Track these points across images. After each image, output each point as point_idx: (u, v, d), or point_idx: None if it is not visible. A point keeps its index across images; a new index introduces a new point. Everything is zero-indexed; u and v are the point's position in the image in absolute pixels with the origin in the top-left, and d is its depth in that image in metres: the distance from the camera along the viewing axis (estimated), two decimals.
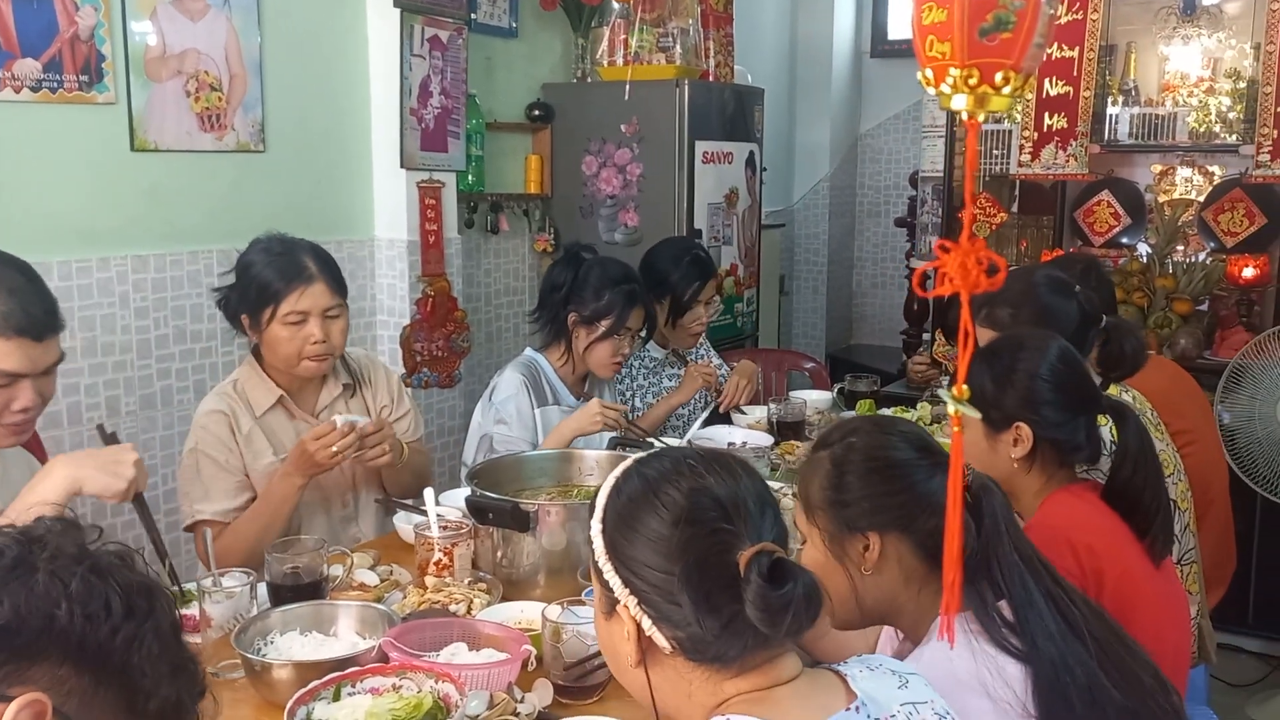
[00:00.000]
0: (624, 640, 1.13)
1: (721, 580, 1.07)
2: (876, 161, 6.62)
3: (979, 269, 0.78)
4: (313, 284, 2.24)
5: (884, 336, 6.55)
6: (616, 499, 1.15)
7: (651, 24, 4.26)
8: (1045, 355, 1.77)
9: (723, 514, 1.10)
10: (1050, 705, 1.30)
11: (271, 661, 1.56)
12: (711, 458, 1.16)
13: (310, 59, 3.48)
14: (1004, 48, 0.79)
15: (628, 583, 1.11)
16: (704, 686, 1.11)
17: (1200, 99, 4.01)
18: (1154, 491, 1.71)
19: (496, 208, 4.22)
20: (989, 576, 1.36)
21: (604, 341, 2.74)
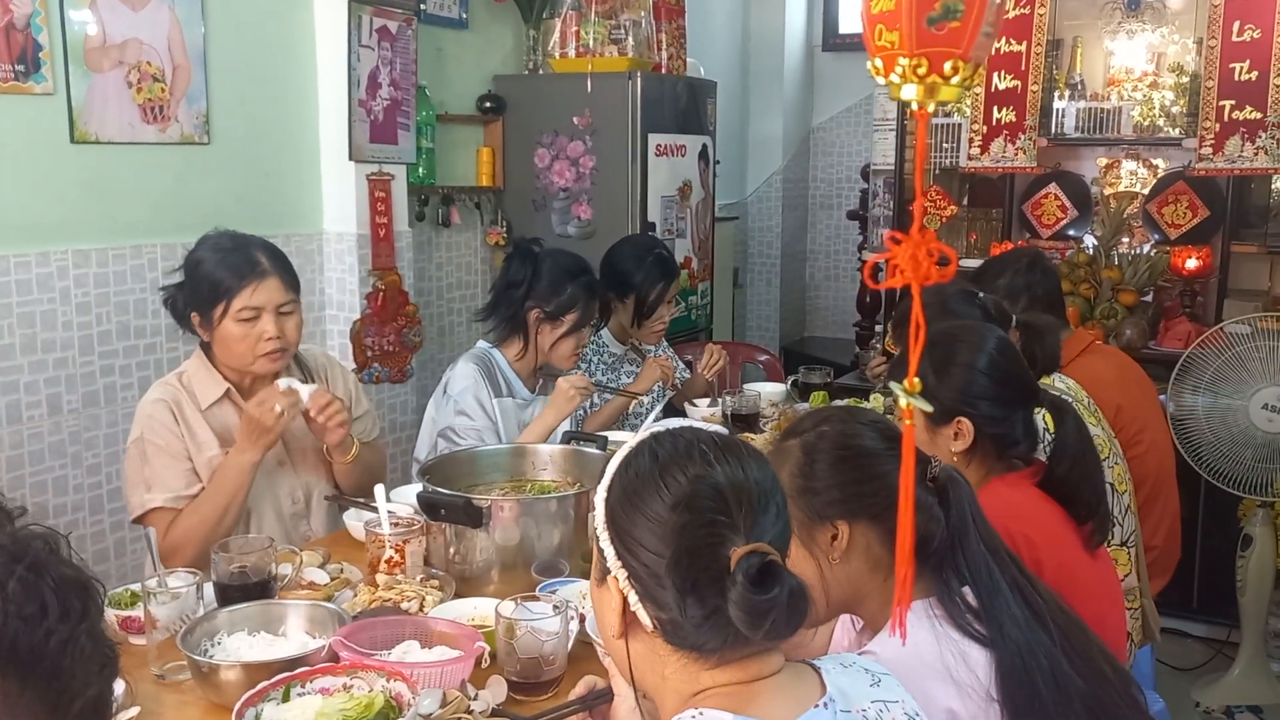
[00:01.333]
0: (610, 610, 1.14)
1: (709, 573, 1.06)
2: (829, 155, 6.65)
3: (930, 261, 0.78)
4: (266, 279, 2.21)
5: (837, 329, 6.59)
6: (625, 472, 1.15)
7: (603, 16, 4.24)
8: (984, 348, 1.78)
9: (723, 506, 1.09)
10: (1014, 691, 1.31)
11: (219, 663, 1.53)
12: (725, 445, 1.15)
13: (256, 50, 3.42)
14: (952, 37, 0.78)
15: (620, 556, 1.12)
16: (679, 672, 1.11)
17: (1144, 93, 4.07)
18: (1091, 485, 1.73)
19: (448, 200, 4.18)
20: (954, 565, 1.38)
21: (570, 337, 2.76)
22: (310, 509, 2.40)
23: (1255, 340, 3.29)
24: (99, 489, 3.04)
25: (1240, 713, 3.39)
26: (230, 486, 2.16)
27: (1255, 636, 3.40)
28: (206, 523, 2.13)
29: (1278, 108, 3.50)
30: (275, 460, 2.33)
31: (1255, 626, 3.39)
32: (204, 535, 2.12)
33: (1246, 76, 3.51)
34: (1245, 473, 3.25)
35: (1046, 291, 2.70)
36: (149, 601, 1.64)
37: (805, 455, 1.43)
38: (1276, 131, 3.51)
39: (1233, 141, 3.55)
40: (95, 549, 3.04)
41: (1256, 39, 3.49)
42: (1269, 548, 3.33)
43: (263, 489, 2.29)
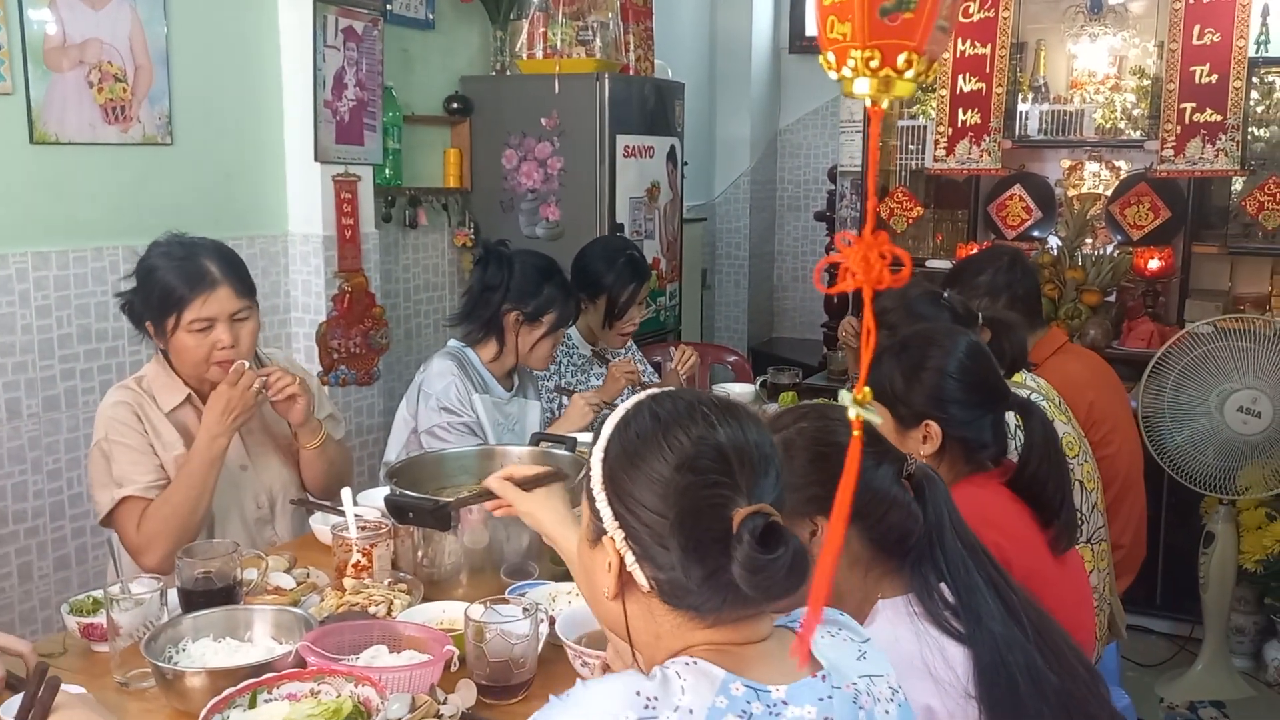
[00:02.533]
0: (604, 571, 1.13)
1: (713, 533, 1.06)
2: (796, 156, 6.68)
3: (882, 264, 0.77)
4: (216, 289, 2.17)
5: (804, 330, 6.62)
6: (624, 431, 1.14)
7: (571, 17, 4.23)
8: (954, 352, 1.79)
9: (726, 467, 1.09)
10: (991, 686, 1.32)
11: (184, 669, 1.51)
12: (725, 407, 1.14)
13: (219, 50, 3.38)
14: (906, 28, 0.77)
15: (619, 516, 1.11)
16: (674, 632, 1.12)
17: (1106, 96, 4.12)
18: (1058, 485, 1.75)
19: (415, 202, 4.16)
20: (932, 561, 1.39)
21: (548, 338, 2.76)
22: (275, 514, 2.37)
23: (1216, 340, 3.34)
24: (59, 494, 2.99)
25: (1204, 708, 3.43)
26: (201, 473, 2.12)
27: (1217, 632, 3.44)
28: (179, 512, 2.09)
29: (1237, 110, 3.55)
30: (238, 465, 2.30)
31: (1217, 623, 3.44)
32: (178, 526, 2.08)
33: (1207, 80, 3.56)
34: (1207, 471, 3.29)
35: (1027, 291, 2.72)
36: (112, 608, 1.61)
37: (784, 452, 1.43)
38: (1236, 134, 3.56)
39: (1194, 144, 3.59)
40: (56, 555, 3.00)
41: (1216, 42, 3.53)
42: (1231, 545, 3.38)
43: (226, 494, 2.26)
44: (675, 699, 1.03)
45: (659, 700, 1.03)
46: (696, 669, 1.06)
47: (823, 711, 1.06)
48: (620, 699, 1.03)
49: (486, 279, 2.80)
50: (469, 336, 2.81)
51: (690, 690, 1.04)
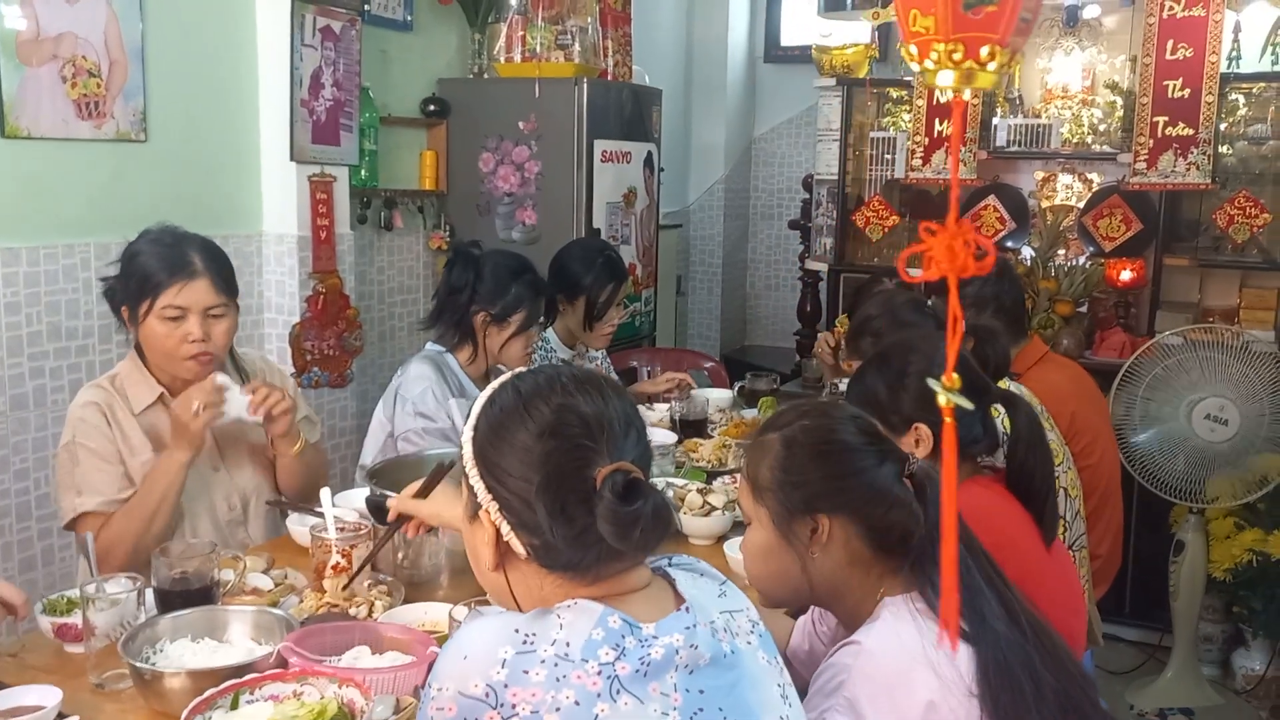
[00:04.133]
0: (484, 544, 1.20)
1: (577, 493, 1.13)
2: (770, 165, 6.70)
3: (967, 252, 0.78)
4: (195, 280, 2.14)
5: (776, 337, 6.64)
6: (490, 408, 1.21)
7: (550, 21, 4.23)
8: (935, 356, 1.80)
9: (586, 431, 1.15)
10: (996, 686, 1.33)
11: (163, 670, 1.48)
12: (584, 378, 1.21)
13: (195, 46, 3.35)
14: (989, 21, 0.78)
15: (491, 489, 1.18)
16: (557, 592, 1.17)
17: (1075, 110, 4.17)
18: (1044, 473, 1.77)
19: (390, 204, 4.13)
20: (934, 560, 1.40)
21: (518, 338, 2.72)
22: (248, 515, 2.33)
23: (1186, 351, 3.38)
24: (26, 495, 2.94)
25: (1173, 715, 3.47)
26: (160, 487, 2.09)
27: (1187, 641, 3.48)
28: (137, 525, 2.06)
29: (1209, 125, 3.60)
30: (210, 465, 2.28)
31: (1187, 631, 3.47)
32: (135, 538, 2.06)
33: (1179, 94, 3.60)
34: (1178, 480, 3.33)
35: (1014, 301, 2.74)
36: (88, 608, 1.59)
37: (785, 448, 1.45)
38: (1208, 148, 3.61)
39: (1166, 157, 3.64)
40: (23, 556, 2.94)
41: (1189, 58, 3.58)
42: (1200, 554, 3.41)
43: (198, 495, 2.23)
44: (553, 633, 1.10)
45: (536, 635, 1.10)
46: (576, 607, 1.13)
47: (689, 639, 1.13)
48: (498, 635, 1.10)
49: (453, 279, 2.78)
50: (443, 339, 2.79)
51: (568, 625, 1.11)
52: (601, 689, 1.08)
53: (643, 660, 1.10)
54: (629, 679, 1.09)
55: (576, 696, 1.07)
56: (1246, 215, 3.73)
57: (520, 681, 1.07)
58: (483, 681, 1.08)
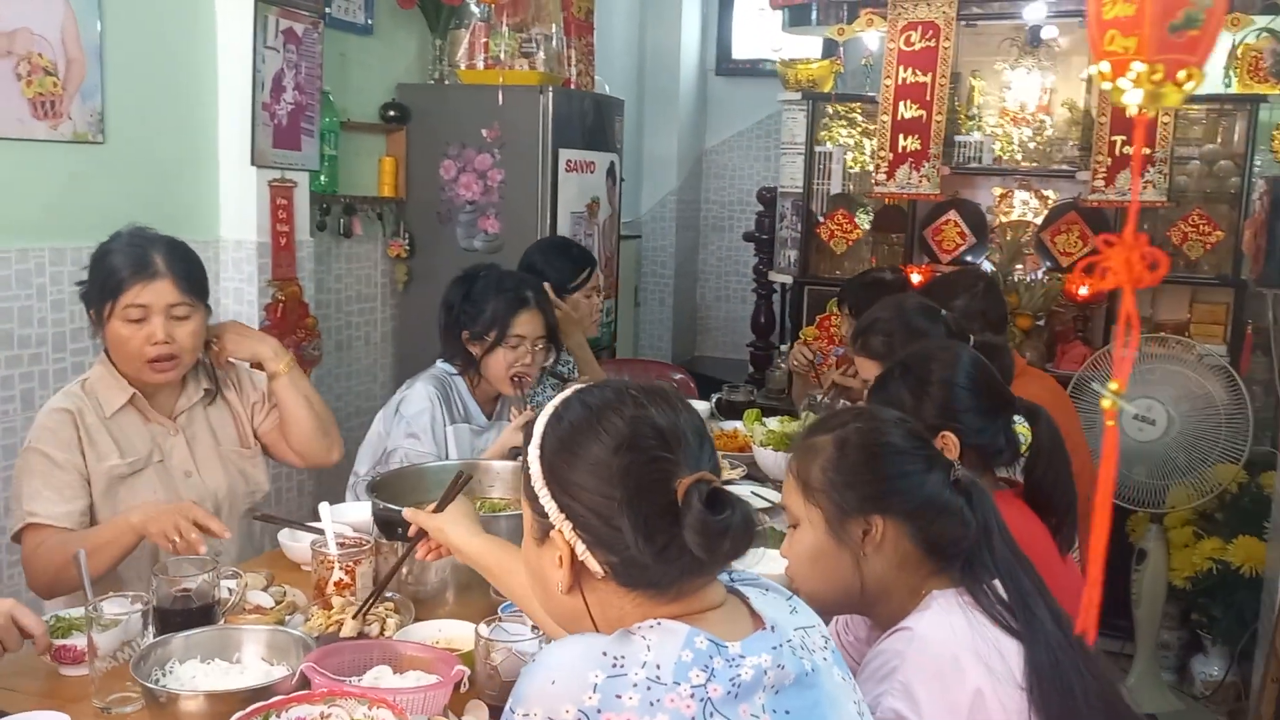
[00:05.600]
0: (555, 567, 1.16)
1: (659, 506, 1.10)
2: (721, 177, 6.73)
3: (1142, 264, 0.78)
4: (156, 280, 2.10)
5: (727, 349, 6.66)
6: (557, 425, 1.18)
7: (514, 29, 4.19)
8: (959, 363, 1.82)
9: (663, 443, 1.13)
10: (1046, 683, 1.35)
11: (180, 692, 1.42)
12: (651, 390, 1.20)
13: (155, 46, 3.25)
14: (1190, 44, 0.80)
15: (564, 507, 1.14)
16: (635, 612, 1.14)
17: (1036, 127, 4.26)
18: (1064, 487, 1.80)
19: (350, 210, 4.06)
20: (982, 563, 1.43)
21: (494, 353, 2.63)
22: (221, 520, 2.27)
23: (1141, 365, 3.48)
24: None
25: None
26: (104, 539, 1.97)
27: (1148, 648, 3.56)
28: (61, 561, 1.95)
29: (1165, 144, 3.70)
30: (182, 471, 2.22)
31: (1148, 638, 3.55)
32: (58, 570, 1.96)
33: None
34: (1138, 489, 3.41)
35: (999, 316, 2.79)
36: (91, 628, 1.51)
37: (838, 450, 1.46)
38: (1164, 167, 3.71)
39: (1123, 175, 3.73)
40: None
41: None
42: (1161, 562, 3.50)
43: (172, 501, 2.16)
44: (641, 655, 1.07)
45: (625, 658, 1.07)
46: (661, 628, 1.10)
47: (776, 659, 1.11)
48: (587, 659, 1.07)
49: (445, 298, 2.75)
50: (451, 363, 2.74)
51: (655, 646, 1.08)
52: (695, 712, 1.05)
53: (733, 681, 1.08)
54: (721, 701, 1.07)
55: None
56: (1200, 233, 3.84)
57: (614, 706, 1.05)
58: (575, 707, 1.05)
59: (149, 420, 2.21)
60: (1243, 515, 3.35)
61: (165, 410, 2.24)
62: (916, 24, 3.93)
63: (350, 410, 4.16)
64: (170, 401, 2.25)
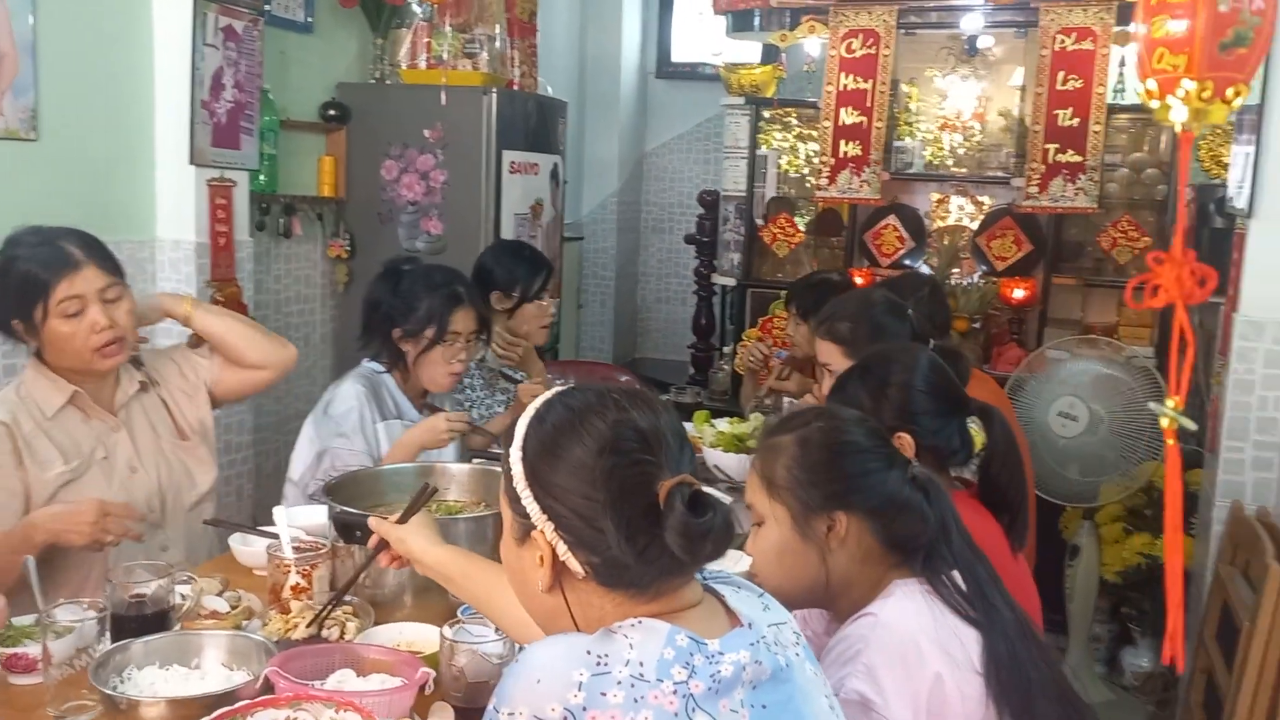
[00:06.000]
0: (535, 567, 1.17)
1: (642, 508, 1.12)
2: (661, 179, 6.77)
3: (1192, 280, 0.81)
4: (81, 269, 2.06)
5: (668, 350, 6.70)
6: (539, 427, 1.19)
7: (458, 29, 4.17)
8: (917, 366, 1.86)
9: (645, 445, 1.15)
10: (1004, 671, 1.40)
11: (141, 699, 1.40)
12: (632, 393, 1.21)
13: (90, 42, 3.17)
14: (1239, 62, 0.82)
15: (547, 509, 1.15)
16: (616, 611, 1.16)
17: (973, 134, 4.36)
18: (1017, 486, 1.85)
19: (289, 210, 4.00)
20: (941, 556, 1.47)
21: (431, 352, 2.60)
22: (165, 516, 2.23)
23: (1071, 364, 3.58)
24: None
25: None
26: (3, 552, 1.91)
27: (1081, 641, 3.66)
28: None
29: (1096, 152, 3.81)
30: (128, 467, 2.18)
31: (1081, 632, 3.65)
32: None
33: (1069, 123, 3.81)
34: (1071, 487, 3.51)
35: (944, 320, 2.85)
36: (45, 636, 1.48)
37: (801, 448, 1.49)
38: (1095, 174, 3.82)
39: (1056, 182, 3.84)
40: None
41: (1079, 88, 3.79)
42: (1093, 558, 3.60)
43: (118, 499, 2.12)
44: (625, 654, 1.09)
45: (609, 657, 1.09)
46: (642, 626, 1.12)
47: (753, 655, 1.14)
48: (571, 658, 1.08)
49: (371, 297, 2.70)
50: (378, 360, 2.70)
51: (638, 645, 1.10)
52: (678, 708, 1.07)
53: (713, 678, 1.10)
54: (703, 697, 1.09)
55: (654, 716, 1.06)
56: (1128, 238, 3.97)
57: (599, 704, 1.06)
58: (560, 705, 1.06)
59: (91, 417, 2.16)
60: None
61: (106, 404, 2.20)
62: (857, 31, 4.00)
63: (290, 413, 4.10)
64: (109, 396, 2.21)
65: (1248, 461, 2.77)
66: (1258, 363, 2.72)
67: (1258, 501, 2.74)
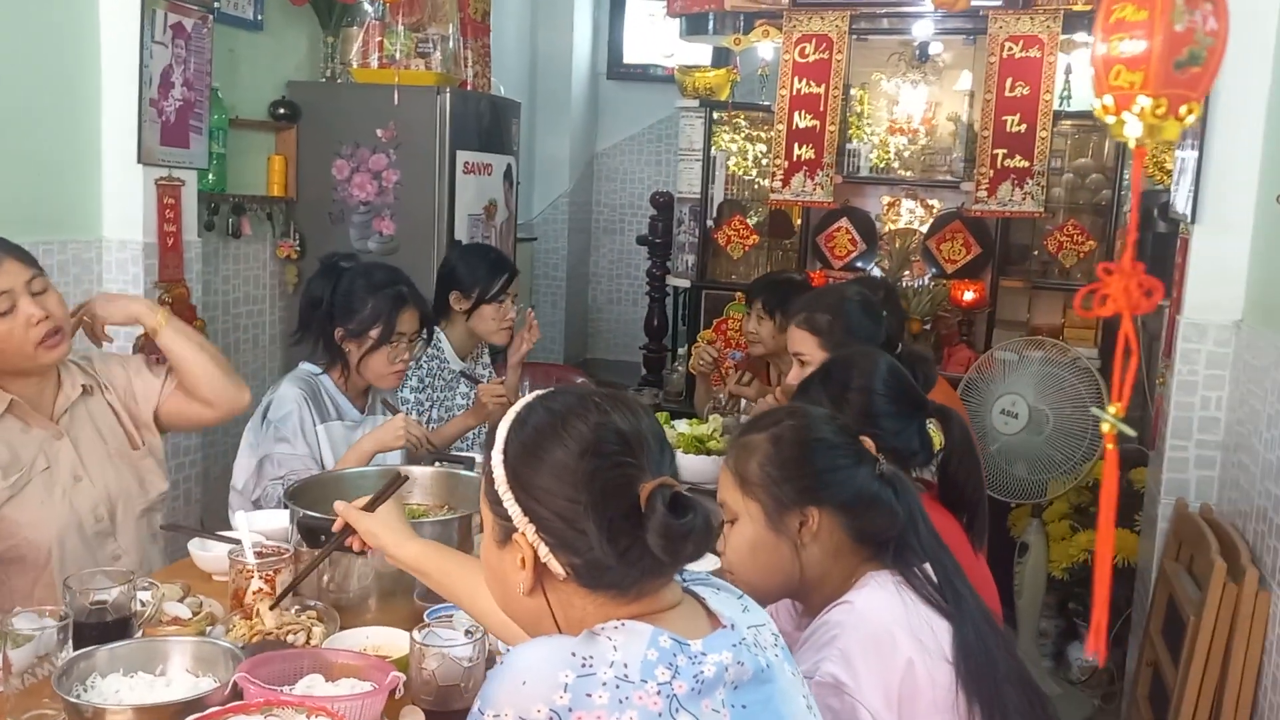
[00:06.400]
0: (516, 569, 1.18)
1: (624, 510, 1.13)
2: (612, 180, 6.79)
3: (1139, 291, 0.83)
4: (1, 264, 2.03)
5: (619, 351, 6.72)
6: (520, 429, 1.20)
7: (410, 28, 4.15)
8: (877, 371, 1.90)
9: (626, 448, 1.16)
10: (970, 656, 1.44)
11: (107, 707, 1.37)
12: (614, 396, 1.22)
13: (37, 39, 3.11)
14: (1193, 80, 0.84)
15: (528, 511, 1.16)
16: (597, 612, 1.17)
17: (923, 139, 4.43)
18: (974, 483, 1.89)
19: (239, 210, 3.95)
20: (911, 549, 1.51)
21: (377, 352, 2.57)
22: (115, 524, 2.18)
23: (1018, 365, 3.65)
24: None
25: None
26: None
27: (1030, 636, 3.73)
28: None
29: (1043, 158, 3.89)
30: (71, 476, 2.13)
31: (1030, 627, 3.73)
32: None
33: (1017, 129, 3.88)
34: (1019, 485, 3.58)
35: (899, 323, 2.89)
36: (4, 644, 1.45)
37: (774, 446, 1.52)
38: (1041, 179, 3.90)
39: (1004, 187, 3.91)
40: None
41: (1026, 95, 3.87)
42: (1041, 555, 3.67)
43: (62, 511, 2.08)
44: (609, 655, 1.10)
45: (594, 658, 1.10)
46: (625, 629, 1.13)
47: (736, 656, 1.15)
48: (556, 660, 1.09)
49: (310, 294, 2.67)
50: (314, 359, 2.67)
51: (621, 647, 1.11)
52: (662, 708, 1.08)
53: (696, 678, 1.11)
54: (685, 697, 1.10)
55: (639, 717, 1.07)
56: (1074, 242, 4.06)
57: (584, 705, 1.07)
58: (546, 706, 1.07)
59: (31, 426, 2.10)
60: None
61: (46, 411, 2.14)
62: (810, 36, 4.04)
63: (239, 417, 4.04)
64: (49, 402, 2.16)
65: (1191, 460, 2.84)
66: (1200, 364, 2.80)
67: (1200, 498, 2.81)
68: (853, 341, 2.33)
